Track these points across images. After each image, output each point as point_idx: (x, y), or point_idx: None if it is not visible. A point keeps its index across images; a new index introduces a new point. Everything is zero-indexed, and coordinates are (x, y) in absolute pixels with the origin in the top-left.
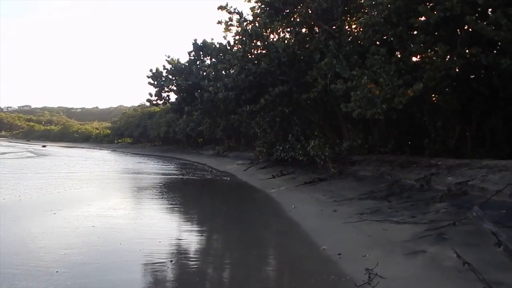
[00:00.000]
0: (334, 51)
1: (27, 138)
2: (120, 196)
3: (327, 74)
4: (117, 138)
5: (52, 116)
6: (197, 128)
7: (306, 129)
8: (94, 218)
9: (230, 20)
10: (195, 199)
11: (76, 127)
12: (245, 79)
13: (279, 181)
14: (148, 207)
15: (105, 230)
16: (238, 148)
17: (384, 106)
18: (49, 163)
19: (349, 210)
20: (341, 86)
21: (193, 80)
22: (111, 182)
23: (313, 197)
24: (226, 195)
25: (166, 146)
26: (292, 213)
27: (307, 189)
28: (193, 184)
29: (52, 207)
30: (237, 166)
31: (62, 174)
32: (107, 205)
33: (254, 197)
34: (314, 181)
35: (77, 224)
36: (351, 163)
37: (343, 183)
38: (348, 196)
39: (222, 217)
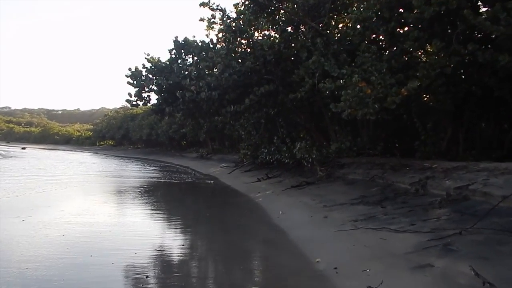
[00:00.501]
0: (321, 49)
1: (7, 140)
2: (95, 201)
3: (315, 73)
4: (99, 141)
5: (33, 117)
6: (180, 130)
7: (292, 131)
8: (65, 225)
9: (212, 17)
10: (177, 205)
11: (57, 129)
12: (229, 78)
13: (265, 184)
14: (125, 213)
15: (76, 239)
16: (222, 150)
17: (377, 106)
18: (21, 165)
19: (341, 216)
20: (330, 85)
21: (174, 79)
22: (87, 185)
23: (302, 201)
24: (210, 200)
25: (149, 149)
26: (280, 219)
27: (295, 193)
28: (174, 188)
29: (20, 213)
30: (221, 169)
31: (35, 177)
32: (80, 211)
33: (239, 202)
34: (301, 184)
35: (45, 233)
36: (339, 166)
37: (332, 186)
38: (338, 200)
39: (205, 225)
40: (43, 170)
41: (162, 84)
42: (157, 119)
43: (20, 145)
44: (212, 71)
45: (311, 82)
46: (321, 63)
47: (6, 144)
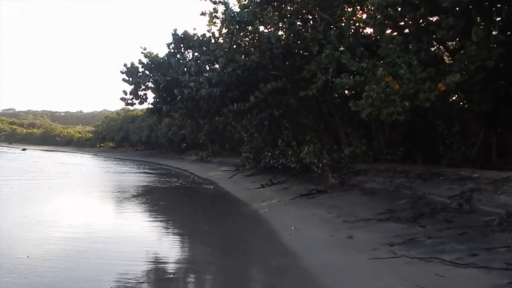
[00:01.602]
0: (335, 42)
1: (9, 141)
2: (78, 212)
3: (328, 68)
4: (99, 142)
5: (36, 119)
6: (179, 132)
7: (298, 134)
8: (30, 248)
9: (215, 11)
10: (171, 216)
11: (58, 130)
12: (232, 73)
13: (270, 191)
14: (111, 225)
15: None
16: (223, 153)
17: (407, 104)
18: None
19: (370, 237)
20: (348, 81)
21: (172, 75)
22: (71, 190)
23: (316, 214)
24: (208, 210)
25: (149, 151)
26: (292, 238)
27: (306, 203)
28: (170, 194)
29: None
30: (221, 173)
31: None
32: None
33: (241, 213)
34: (311, 193)
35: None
36: (354, 172)
37: (348, 196)
38: (361, 215)
39: (203, 244)
40: (32, 171)
41: (159, 80)
42: (157, 120)
43: (22, 146)
44: (213, 66)
45: (324, 78)
46: (335, 57)
47: (8, 145)
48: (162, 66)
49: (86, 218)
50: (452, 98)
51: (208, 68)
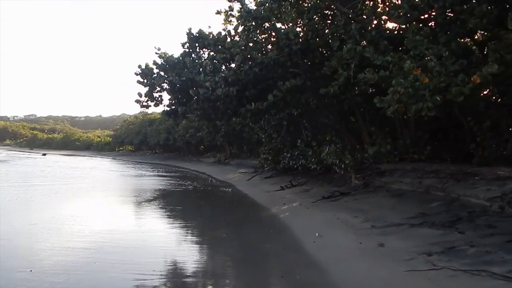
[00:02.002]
0: (356, 37)
1: (30, 146)
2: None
3: (350, 64)
4: (118, 146)
5: (56, 124)
6: (197, 135)
7: (317, 134)
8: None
9: (230, 9)
10: (188, 221)
11: (78, 135)
12: (249, 71)
13: (290, 194)
14: (123, 233)
15: (45, 274)
16: (241, 155)
17: (438, 99)
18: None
19: (404, 244)
20: (372, 76)
21: (187, 75)
22: (86, 195)
23: (340, 219)
24: (226, 215)
25: (167, 154)
26: (316, 246)
27: (329, 207)
28: (187, 198)
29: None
30: (239, 175)
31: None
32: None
33: (260, 218)
34: (334, 195)
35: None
36: (379, 173)
37: (374, 199)
38: (390, 219)
39: (220, 253)
40: (50, 176)
41: (174, 81)
42: (174, 123)
43: (42, 151)
44: (229, 64)
45: (345, 75)
46: (358, 51)
47: (30, 150)
48: (177, 67)
49: (97, 225)
50: (484, 92)
51: (224, 67)
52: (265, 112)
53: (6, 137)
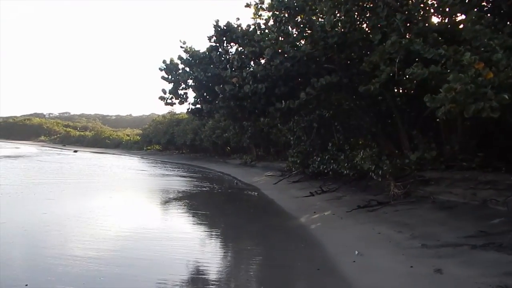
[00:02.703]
0: (401, 30)
1: (63, 143)
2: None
3: (394, 59)
4: (146, 145)
5: (88, 122)
6: (223, 135)
7: (350, 137)
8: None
9: (260, 2)
10: (210, 228)
11: (108, 133)
12: (280, 66)
13: (321, 201)
14: (134, 240)
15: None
16: (267, 158)
17: (507, 97)
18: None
19: (468, 272)
20: (421, 71)
21: (213, 71)
22: (106, 194)
23: (382, 234)
24: (251, 224)
25: (193, 154)
26: (358, 268)
27: (366, 218)
28: (211, 201)
29: None
30: (266, 178)
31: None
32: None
33: (288, 229)
34: (371, 204)
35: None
36: (422, 182)
37: (419, 211)
38: (443, 237)
39: (244, 271)
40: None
41: (199, 77)
42: (200, 123)
43: (74, 148)
44: (258, 60)
45: (388, 71)
46: (403, 44)
47: (62, 147)
48: (203, 62)
49: (108, 231)
50: None
51: (253, 62)
52: (296, 112)
53: (41, 133)
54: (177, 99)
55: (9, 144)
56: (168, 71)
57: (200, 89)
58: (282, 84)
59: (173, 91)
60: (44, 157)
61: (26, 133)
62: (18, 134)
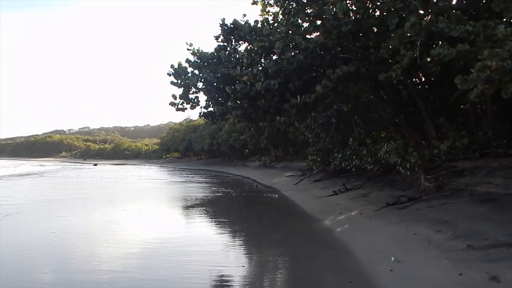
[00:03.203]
0: (419, 10)
1: (84, 157)
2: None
3: (415, 41)
4: (165, 154)
5: (107, 135)
6: (240, 138)
7: (371, 130)
8: None
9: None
10: (231, 236)
11: (127, 144)
12: (292, 59)
13: (345, 199)
14: (140, 258)
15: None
16: (286, 158)
17: None
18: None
19: None
20: (448, 51)
21: (222, 71)
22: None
23: (418, 234)
24: (273, 229)
25: (212, 159)
26: (396, 277)
27: (398, 216)
28: (231, 206)
29: None
30: (286, 179)
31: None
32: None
33: (313, 233)
34: (401, 201)
35: None
36: (456, 173)
37: (456, 206)
38: (491, 235)
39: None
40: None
41: (209, 79)
42: (217, 128)
43: (94, 161)
44: (269, 55)
45: (410, 55)
46: (424, 25)
47: (83, 161)
48: (212, 63)
49: (116, 247)
50: None
51: (263, 58)
52: (313, 108)
53: (62, 149)
54: (188, 103)
55: (32, 162)
56: (176, 76)
57: (210, 91)
58: (296, 79)
59: (184, 95)
60: (66, 172)
61: (47, 150)
62: (39, 152)
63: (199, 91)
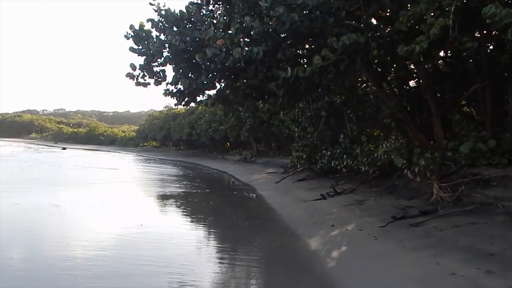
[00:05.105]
0: None
1: (55, 140)
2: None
3: (447, 7)
4: (142, 142)
5: (84, 119)
6: (219, 128)
7: (366, 127)
8: None
9: None
10: (180, 256)
11: (102, 129)
12: (283, 18)
13: (337, 206)
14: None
15: None
16: (268, 153)
17: None
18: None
19: None
20: (507, 11)
21: (193, 36)
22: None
23: (458, 274)
24: (243, 250)
25: (191, 150)
26: None
27: (413, 238)
28: (196, 209)
29: None
30: (266, 176)
31: None
32: None
33: (298, 264)
34: (409, 214)
35: None
36: (480, 182)
37: (493, 228)
38: None
39: None
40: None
41: (175, 44)
42: (197, 117)
43: (65, 145)
44: (253, 15)
45: (441, 23)
46: None
47: (53, 144)
48: (181, 25)
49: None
50: None
51: (246, 17)
52: (305, 90)
53: (33, 130)
54: (152, 77)
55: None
56: (137, 40)
57: (177, 61)
58: (287, 47)
59: (145, 66)
60: (23, 155)
61: (16, 130)
62: (7, 131)
63: (165, 63)
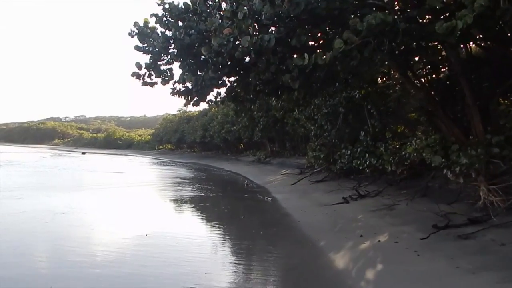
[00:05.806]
0: None
1: (76, 145)
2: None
3: None
4: (158, 145)
5: (102, 124)
6: (232, 129)
7: (389, 123)
8: None
9: None
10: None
11: (120, 134)
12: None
13: (363, 212)
14: None
15: None
16: (283, 153)
17: None
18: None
19: None
20: None
21: (198, 28)
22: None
23: None
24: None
25: (205, 152)
26: None
27: (466, 254)
28: (208, 215)
29: None
30: (282, 178)
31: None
32: None
33: (319, 284)
34: (454, 223)
35: None
36: None
37: None
38: None
39: None
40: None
41: (180, 38)
42: (210, 118)
43: (85, 149)
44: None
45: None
46: None
47: (74, 149)
48: (186, 18)
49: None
50: None
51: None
52: (323, 83)
53: (55, 136)
54: (159, 76)
55: (19, 149)
56: (142, 38)
57: (184, 57)
58: (303, 32)
59: (152, 65)
60: (46, 161)
61: (40, 137)
62: (32, 138)
63: (172, 61)
